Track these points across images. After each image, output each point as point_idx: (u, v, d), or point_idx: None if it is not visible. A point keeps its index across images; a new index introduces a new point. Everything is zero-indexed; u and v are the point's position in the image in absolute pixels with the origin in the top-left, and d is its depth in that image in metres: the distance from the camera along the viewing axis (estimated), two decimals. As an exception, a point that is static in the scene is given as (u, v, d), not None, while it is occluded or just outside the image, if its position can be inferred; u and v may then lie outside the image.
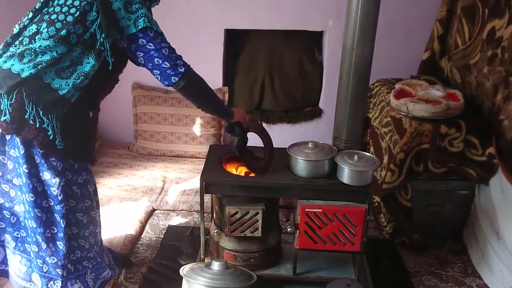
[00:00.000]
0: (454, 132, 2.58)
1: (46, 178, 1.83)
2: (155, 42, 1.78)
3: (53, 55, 1.72)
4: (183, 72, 1.83)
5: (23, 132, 1.74)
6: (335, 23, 3.43)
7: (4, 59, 1.76)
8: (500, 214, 2.48)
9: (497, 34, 2.64)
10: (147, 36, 1.77)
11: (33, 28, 1.78)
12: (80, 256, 2.01)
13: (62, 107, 1.76)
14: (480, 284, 2.53)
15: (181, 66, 1.83)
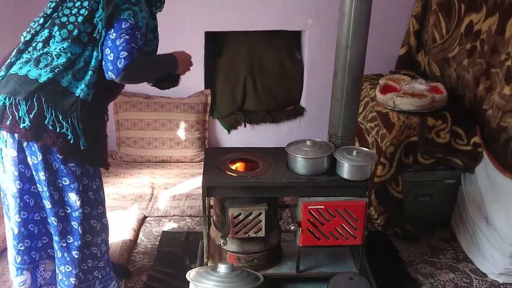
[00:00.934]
0: (440, 123, 2.67)
1: (65, 184, 1.81)
2: (120, 33, 1.70)
3: (68, 57, 1.73)
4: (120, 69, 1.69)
5: (42, 138, 1.72)
6: (314, 22, 3.47)
7: (19, 66, 1.75)
8: (488, 200, 2.58)
9: (475, 27, 2.75)
10: (118, 25, 1.72)
11: (46, 33, 1.77)
12: (91, 265, 1.98)
13: (81, 107, 1.76)
14: (473, 269, 2.62)
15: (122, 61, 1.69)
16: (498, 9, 2.54)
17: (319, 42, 3.53)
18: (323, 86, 3.62)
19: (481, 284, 2.51)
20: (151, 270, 2.53)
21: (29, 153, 1.78)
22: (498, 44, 2.51)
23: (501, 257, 2.50)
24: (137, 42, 1.73)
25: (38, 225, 1.92)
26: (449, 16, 3.03)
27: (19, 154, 1.79)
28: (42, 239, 1.96)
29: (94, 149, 1.84)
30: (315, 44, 3.53)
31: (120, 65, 1.69)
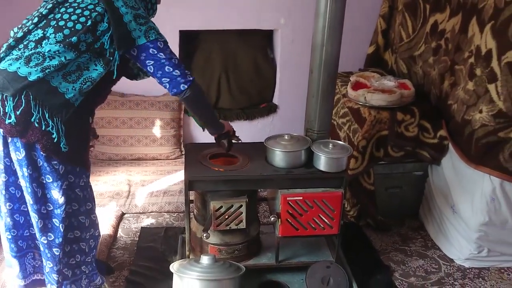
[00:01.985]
0: (409, 118, 2.81)
1: (48, 181, 1.83)
2: (166, 52, 1.86)
3: (61, 61, 1.74)
4: (191, 80, 1.92)
5: (27, 135, 1.74)
6: (286, 22, 3.57)
7: (9, 62, 1.74)
8: (454, 189, 2.73)
9: (440, 27, 2.90)
10: (157, 46, 1.84)
11: (39, 33, 1.77)
12: (79, 260, 2.01)
13: (67, 110, 1.78)
14: (441, 255, 2.77)
15: (189, 75, 1.92)
16: (461, 10, 2.69)
17: (291, 41, 3.62)
18: (295, 84, 3.73)
19: (448, 269, 2.66)
20: (132, 265, 2.56)
21: (14, 148, 1.78)
22: (462, 43, 2.66)
23: (466, 243, 2.65)
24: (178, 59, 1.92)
25: (24, 215, 1.93)
26: (415, 16, 3.17)
27: (4, 149, 1.80)
28: (29, 229, 1.97)
29: (76, 150, 1.86)
30: (287, 43, 3.63)
31: (190, 78, 1.91)
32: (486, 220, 2.54)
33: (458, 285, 2.53)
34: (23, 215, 1.93)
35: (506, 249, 2.65)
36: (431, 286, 2.52)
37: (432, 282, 2.55)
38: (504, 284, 2.56)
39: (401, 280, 2.55)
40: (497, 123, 2.44)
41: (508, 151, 2.43)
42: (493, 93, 2.43)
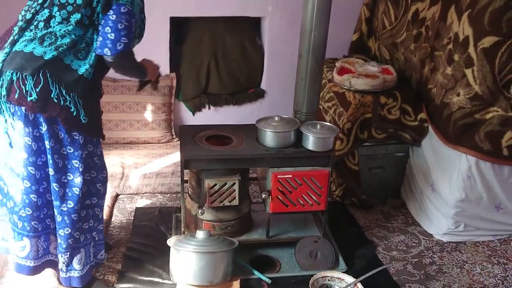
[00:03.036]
0: (391, 102, 2.95)
1: (69, 152, 1.97)
2: (121, 17, 1.88)
3: (72, 38, 1.90)
4: (118, 51, 1.90)
5: (48, 110, 1.86)
6: (274, 9, 3.68)
7: (24, 43, 1.87)
8: (433, 169, 2.90)
9: (421, 15, 3.04)
10: (119, 9, 1.89)
11: (46, 13, 1.89)
12: (92, 225, 2.16)
13: (82, 85, 1.93)
14: (421, 231, 2.94)
15: (122, 45, 1.90)
16: (440, -1, 2.84)
17: (278, 28, 3.73)
18: (282, 70, 3.85)
19: (428, 243, 2.83)
20: (129, 242, 2.68)
21: (36, 124, 1.91)
22: (441, 30, 2.81)
23: (444, 219, 2.83)
24: (133, 31, 1.95)
25: (40, 196, 2.03)
26: (397, 5, 3.31)
27: (25, 127, 1.90)
28: (43, 210, 2.06)
29: (92, 120, 2.00)
30: (274, 29, 3.74)
31: (119, 47, 1.90)
32: (462, 197, 2.71)
33: (436, 257, 2.70)
34: (40, 196, 2.03)
35: (481, 224, 2.83)
36: (411, 258, 2.69)
37: (412, 255, 2.72)
38: (479, 256, 2.74)
39: (384, 254, 2.72)
40: (473, 105, 2.61)
41: (483, 132, 2.60)
42: (469, 77, 2.59)
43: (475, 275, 2.58)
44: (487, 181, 2.70)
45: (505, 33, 2.43)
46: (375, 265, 2.55)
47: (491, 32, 2.45)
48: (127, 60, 2.02)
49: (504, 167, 2.69)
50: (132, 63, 2.08)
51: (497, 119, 2.57)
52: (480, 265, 2.66)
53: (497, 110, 2.57)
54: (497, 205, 2.79)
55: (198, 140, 2.45)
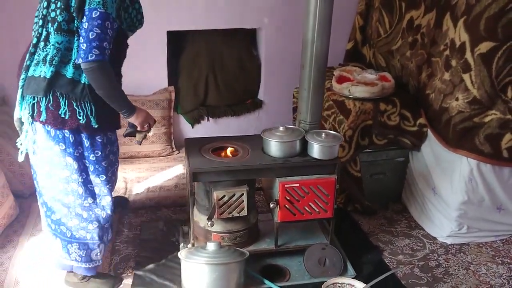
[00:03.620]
0: (391, 108, 3.01)
1: (97, 154, 2.18)
2: (91, 23, 1.89)
3: (56, 46, 1.98)
4: (89, 61, 1.90)
5: (67, 123, 2.03)
6: (269, 21, 3.73)
7: (33, 68, 2.02)
8: (434, 172, 2.95)
9: (416, 22, 3.11)
10: (90, 14, 1.89)
11: (44, 33, 2.02)
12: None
13: (89, 91, 2.03)
14: (425, 234, 2.99)
15: (94, 55, 1.89)
16: (435, 6, 2.91)
17: (274, 38, 3.79)
18: (279, 80, 3.90)
19: (432, 246, 2.87)
20: (137, 257, 2.68)
21: (63, 137, 2.09)
22: (437, 37, 2.88)
23: (447, 221, 2.87)
24: (108, 34, 1.92)
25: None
26: (391, 13, 3.38)
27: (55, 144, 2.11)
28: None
29: (110, 118, 2.16)
30: (271, 40, 3.79)
31: (90, 58, 1.89)
32: (465, 199, 2.76)
33: (442, 260, 2.75)
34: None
35: (484, 225, 2.88)
36: (418, 262, 2.72)
37: (418, 258, 2.76)
38: (483, 257, 2.79)
39: (390, 258, 2.75)
40: (472, 109, 2.67)
41: (483, 135, 2.66)
42: (467, 82, 2.65)
43: (481, 276, 2.62)
44: (488, 183, 2.76)
45: (501, 38, 2.50)
46: (382, 270, 2.59)
47: (487, 37, 2.52)
48: (100, 73, 1.94)
49: (505, 169, 2.75)
50: (106, 78, 1.98)
51: (496, 122, 2.63)
52: (485, 266, 2.70)
53: (495, 113, 2.63)
54: (498, 206, 2.84)
55: (205, 152, 2.47)
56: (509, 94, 2.60)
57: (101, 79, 1.97)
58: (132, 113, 2.18)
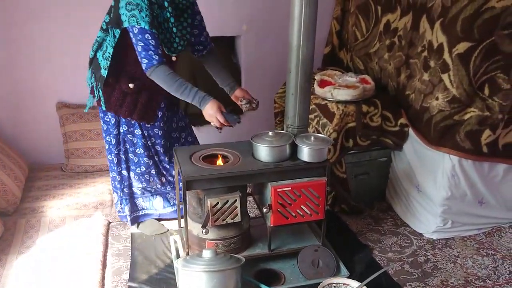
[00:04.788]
0: (373, 109, 3.08)
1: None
2: (137, 38, 2.29)
3: (97, 40, 2.51)
4: (151, 65, 2.32)
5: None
6: (248, 28, 3.76)
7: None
8: (417, 171, 3.04)
9: (392, 26, 3.20)
10: (132, 31, 2.30)
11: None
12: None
13: (100, 81, 2.55)
14: (411, 231, 3.07)
15: (152, 61, 2.31)
16: (411, 9, 3.01)
17: (253, 45, 3.82)
18: (259, 86, 3.93)
19: (419, 242, 2.95)
20: (130, 270, 2.65)
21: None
22: (414, 39, 2.97)
23: (432, 217, 2.96)
24: (151, 45, 2.29)
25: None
26: (368, 17, 3.47)
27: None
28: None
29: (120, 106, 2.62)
30: (250, 47, 3.83)
31: (144, 66, 2.33)
32: (448, 195, 2.85)
33: (430, 255, 2.82)
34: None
35: (467, 219, 2.98)
36: (407, 258, 2.79)
37: (407, 255, 2.82)
38: (468, 250, 2.88)
39: (380, 256, 2.81)
40: (452, 107, 2.76)
41: (464, 132, 2.76)
42: (446, 81, 2.75)
43: (468, 268, 2.71)
44: (470, 178, 2.86)
45: (477, 38, 2.60)
46: (374, 268, 2.65)
47: (464, 38, 2.62)
48: (155, 77, 2.34)
49: (485, 164, 2.85)
50: (161, 80, 2.35)
51: (475, 119, 2.73)
52: (471, 259, 2.80)
53: (474, 111, 2.73)
54: (480, 200, 2.95)
55: (196, 160, 2.48)
56: (486, 92, 2.71)
57: (158, 81, 2.36)
58: (202, 106, 2.47)
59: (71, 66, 3.50)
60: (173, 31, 2.46)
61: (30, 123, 3.59)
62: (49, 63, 3.47)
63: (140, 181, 2.87)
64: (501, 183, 2.96)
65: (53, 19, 3.37)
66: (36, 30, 3.37)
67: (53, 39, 3.42)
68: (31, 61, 3.44)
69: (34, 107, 3.56)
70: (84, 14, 3.40)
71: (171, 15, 2.42)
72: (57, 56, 3.46)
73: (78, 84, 3.57)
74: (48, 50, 3.44)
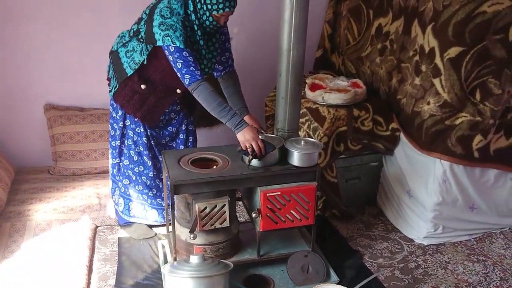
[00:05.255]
0: (364, 113, 3.06)
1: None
2: (174, 56, 2.33)
3: (123, 37, 2.65)
4: (191, 83, 2.34)
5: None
6: (239, 30, 3.73)
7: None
8: (408, 175, 3.01)
9: (384, 29, 3.19)
10: (168, 50, 2.34)
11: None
12: None
13: (120, 77, 2.60)
14: (402, 236, 3.04)
15: (192, 77, 2.33)
16: (403, 13, 2.99)
17: (244, 48, 3.79)
18: (249, 89, 3.89)
19: (410, 248, 2.92)
20: (117, 275, 2.60)
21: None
22: (406, 43, 2.96)
23: (423, 223, 2.94)
24: (191, 61, 2.32)
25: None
26: (360, 21, 3.45)
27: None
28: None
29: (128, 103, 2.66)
30: (241, 50, 3.79)
31: (186, 83, 2.35)
32: (439, 200, 2.83)
33: (420, 261, 2.80)
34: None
35: (458, 225, 2.96)
36: (397, 264, 2.77)
37: (398, 261, 2.80)
38: (459, 256, 2.86)
39: (371, 262, 2.78)
40: (443, 112, 2.75)
41: (455, 137, 2.74)
42: (438, 86, 2.73)
43: (459, 275, 2.68)
44: (461, 183, 2.84)
45: (469, 43, 2.58)
46: (364, 273, 2.62)
47: (455, 43, 2.61)
48: (201, 90, 2.35)
49: (476, 169, 2.84)
50: (202, 98, 2.37)
51: (466, 124, 2.72)
52: (462, 265, 2.77)
53: (465, 116, 2.72)
54: (471, 205, 2.93)
55: (184, 164, 2.44)
56: (477, 97, 2.69)
57: (199, 97, 2.37)
58: (237, 130, 2.41)
59: (59, 67, 3.45)
60: (201, 53, 2.51)
61: (17, 124, 3.53)
62: (37, 65, 3.42)
63: (136, 182, 2.83)
64: (492, 189, 2.95)
65: (41, 21, 3.32)
66: (24, 33, 3.32)
67: (40, 41, 3.37)
68: (18, 63, 3.39)
69: (22, 109, 3.50)
70: (72, 18, 3.36)
71: (200, 38, 2.48)
72: (45, 58, 3.41)
73: (66, 85, 3.53)
74: (36, 51, 3.39)
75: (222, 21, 2.49)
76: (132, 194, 2.88)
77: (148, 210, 2.91)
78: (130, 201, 2.90)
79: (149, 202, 2.89)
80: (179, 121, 2.87)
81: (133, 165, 2.81)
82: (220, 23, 2.48)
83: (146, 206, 2.90)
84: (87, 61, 3.47)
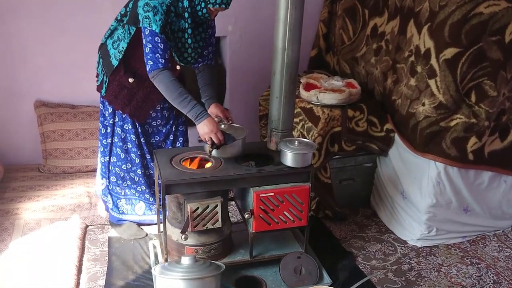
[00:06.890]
0: (358, 114, 3.03)
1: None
2: (146, 40, 2.31)
3: (110, 28, 2.55)
4: (153, 69, 2.30)
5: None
6: (233, 28, 3.70)
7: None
8: (403, 177, 2.99)
9: (380, 29, 3.16)
10: (144, 32, 2.31)
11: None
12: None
13: (108, 69, 2.56)
14: (395, 238, 3.02)
15: (156, 64, 2.29)
16: (398, 13, 2.97)
17: (239, 46, 3.76)
18: (244, 87, 3.87)
19: (403, 250, 2.90)
20: (107, 275, 2.56)
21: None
22: (401, 43, 2.93)
23: (417, 225, 2.92)
24: (159, 48, 2.28)
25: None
26: (355, 20, 3.43)
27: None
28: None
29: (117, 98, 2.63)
30: (235, 48, 3.76)
31: (148, 69, 2.32)
32: (433, 202, 2.81)
33: (414, 263, 2.78)
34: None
35: (452, 227, 2.95)
36: (391, 266, 2.75)
37: (391, 263, 2.78)
38: (453, 258, 2.84)
39: (364, 264, 2.76)
40: (438, 114, 2.73)
41: (450, 139, 2.72)
42: (433, 87, 2.71)
43: (452, 277, 2.67)
44: (455, 185, 2.82)
45: (465, 44, 2.57)
46: (357, 275, 2.60)
47: (451, 44, 2.59)
48: (161, 78, 2.30)
49: (470, 171, 2.82)
50: (163, 86, 2.31)
51: (461, 126, 2.70)
52: (455, 267, 2.76)
53: (460, 118, 2.70)
54: (465, 207, 2.91)
55: (176, 163, 2.40)
56: (472, 99, 2.68)
57: (160, 86, 2.32)
58: (197, 121, 2.36)
59: (49, 64, 3.40)
60: (187, 41, 2.47)
61: (7, 121, 3.48)
62: (26, 61, 3.37)
63: (124, 179, 2.81)
64: (486, 191, 2.94)
65: (31, 17, 3.27)
66: (14, 28, 3.27)
67: (31, 37, 3.32)
68: (8, 59, 3.34)
69: (11, 105, 3.45)
70: (62, 13, 3.31)
71: (189, 26, 2.43)
72: (35, 54, 3.36)
73: (57, 82, 3.48)
74: (26, 48, 3.33)
75: (213, 15, 2.48)
76: (120, 191, 2.85)
77: (136, 203, 2.88)
78: (118, 199, 2.87)
79: (137, 196, 2.88)
80: (171, 121, 2.85)
81: (120, 163, 2.77)
82: (211, 16, 2.46)
83: (133, 200, 2.89)
84: (78, 57, 3.42)
